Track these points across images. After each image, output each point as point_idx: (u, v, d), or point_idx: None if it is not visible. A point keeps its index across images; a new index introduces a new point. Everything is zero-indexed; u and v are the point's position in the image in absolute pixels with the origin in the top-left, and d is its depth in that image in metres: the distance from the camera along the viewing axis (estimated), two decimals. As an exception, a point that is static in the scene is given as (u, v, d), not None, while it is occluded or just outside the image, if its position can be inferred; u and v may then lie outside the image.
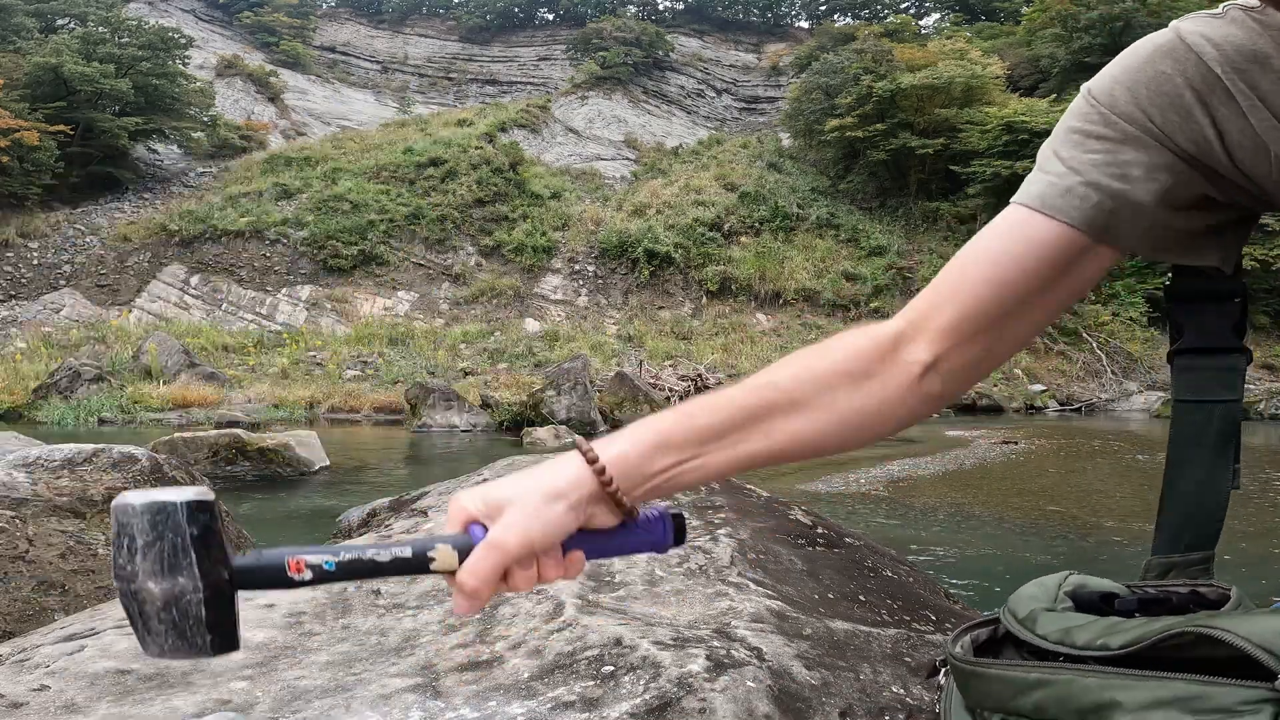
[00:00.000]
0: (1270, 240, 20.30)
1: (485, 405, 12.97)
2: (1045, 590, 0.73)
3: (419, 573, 0.68)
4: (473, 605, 0.67)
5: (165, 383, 14.75)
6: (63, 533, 2.31)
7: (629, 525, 0.72)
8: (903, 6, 45.65)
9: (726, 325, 21.70)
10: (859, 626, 1.34)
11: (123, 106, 24.86)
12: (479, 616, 1.34)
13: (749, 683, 1.05)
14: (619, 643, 1.16)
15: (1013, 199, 0.76)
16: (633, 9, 48.19)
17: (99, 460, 2.64)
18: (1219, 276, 0.79)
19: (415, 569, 0.67)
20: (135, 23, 27.43)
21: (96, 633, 1.26)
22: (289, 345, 18.67)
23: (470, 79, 43.65)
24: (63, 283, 21.28)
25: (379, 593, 1.45)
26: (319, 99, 37.63)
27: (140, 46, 25.82)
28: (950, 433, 12.19)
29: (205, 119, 28.30)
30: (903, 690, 1.13)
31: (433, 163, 26.21)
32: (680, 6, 48.98)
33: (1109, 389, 19.52)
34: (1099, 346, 20.73)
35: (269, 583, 0.64)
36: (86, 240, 22.46)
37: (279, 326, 20.66)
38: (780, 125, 33.25)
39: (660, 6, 49.45)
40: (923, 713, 1.07)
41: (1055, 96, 23.78)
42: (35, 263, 21.56)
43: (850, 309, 22.13)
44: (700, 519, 1.89)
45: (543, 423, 11.52)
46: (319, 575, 0.64)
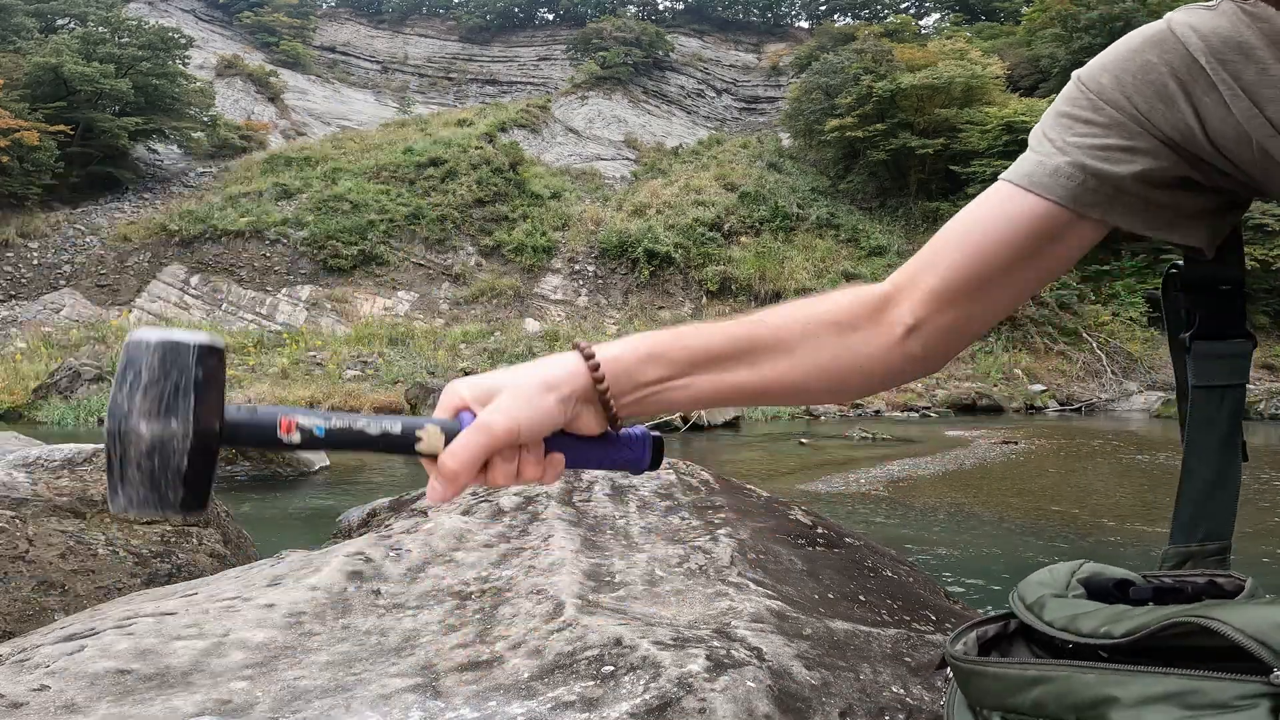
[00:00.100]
0: (1270, 240, 20.30)
1: (485, 405, 12.97)
2: (1056, 577, 0.73)
3: (403, 452, 0.66)
4: (449, 489, 0.66)
5: (165, 383, 14.75)
6: (63, 533, 2.31)
7: (610, 438, 0.72)
8: (903, 6, 45.66)
9: (727, 325, 21.69)
10: (859, 626, 1.34)
11: (123, 106, 24.86)
12: (479, 616, 1.34)
13: (749, 683, 1.05)
14: (619, 643, 1.16)
15: (1001, 176, 0.80)
16: (633, 9, 48.21)
17: (99, 460, 2.64)
18: (1221, 265, 0.81)
19: (401, 447, 0.66)
20: (135, 23, 27.44)
21: (96, 633, 1.26)
22: (289, 345, 18.67)
23: (470, 79, 43.65)
24: (63, 283, 21.28)
25: (379, 593, 1.45)
26: (319, 99, 37.63)
27: (140, 46, 25.82)
28: (950, 433, 12.19)
29: (205, 119, 28.30)
30: (903, 690, 1.13)
31: (433, 163, 26.21)
32: (680, 6, 49.00)
33: (1109, 389, 19.52)
34: (1099, 346, 20.73)
35: (256, 440, 0.62)
36: (86, 240, 22.46)
37: (279, 326, 20.66)
38: (780, 125, 33.26)
39: (660, 6, 49.48)
40: (923, 713, 1.07)
41: (1055, 96, 23.72)
42: (35, 263, 21.56)
43: (850, 309, 22.15)
44: (700, 519, 1.89)
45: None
46: (307, 440, 0.63)
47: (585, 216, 25.87)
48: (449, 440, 0.66)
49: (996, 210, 0.77)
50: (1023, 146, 0.82)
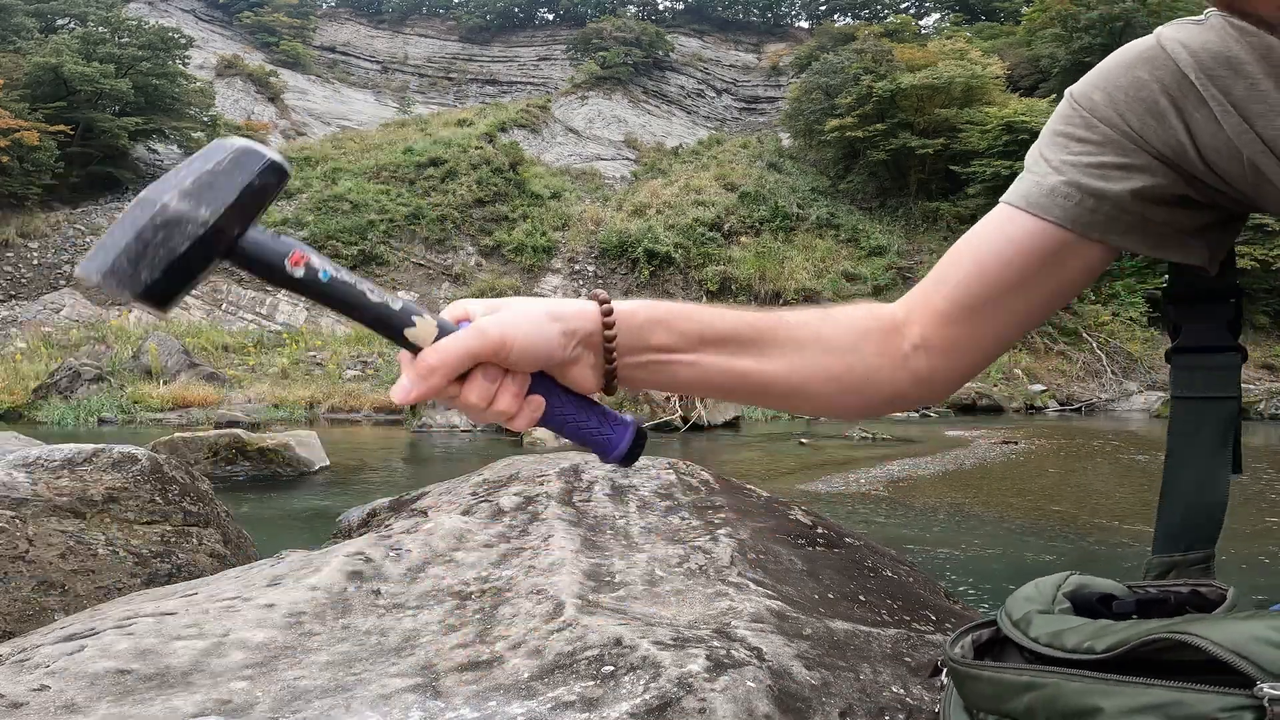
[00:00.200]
0: (1270, 240, 20.30)
1: (485, 405, 12.97)
2: (1042, 592, 0.74)
3: (393, 335, 0.63)
4: (420, 386, 0.63)
5: (165, 383, 14.75)
6: (63, 533, 2.31)
7: (596, 405, 0.69)
8: (903, 6, 45.66)
9: (726, 325, 21.71)
10: (859, 626, 1.34)
11: (123, 106, 24.86)
12: (479, 616, 1.34)
13: (749, 683, 1.05)
14: (619, 643, 1.16)
15: (1001, 198, 0.80)
16: (633, 9, 48.21)
17: (99, 460, 2.64)
18: (1213, 277, 0.81)
19: (391, 327, 0.63)
20: (135, 23, 27.45)
21: (96, 633, 1.26)
22: (289, 345, 18.67)
23: (470, 79, 43.65)
24: (63, 283, 21.28)
25: (379, 593, 1.45)
26: (319, 99, 37.63)
27: (140, 46, 25.83)
28: (950, 433, 12.19)
29: (205, 119, 28.30)
30: (903, 690, 1.13)
31: (433, 163, 26.22)
32: (680, 6, 49.00)
33: (1109, 389, 19.52)
34: (1099, 346, 20.73)
35: (264, 263, 0.60)
36: (86, 240, 22.44)
37: (279, 326, 20.67)
38: (780, 125, 33.26)
39: (660, 6, 49.49)
40: (923, 713, 1.07)
41: (1055, 96, 23.70)
42: (35, 263, 21.57)
43: (850, 309, 22.16)
44: (700, 519, 1.89)
45: (543, 423, 11.52)
46: (310, 279, 0.61)
47: (585, 216, 25.87)
48: (439, 340, 0.63)
49: (997, 232, 0.78)
50: (1023, 146, 0.83)
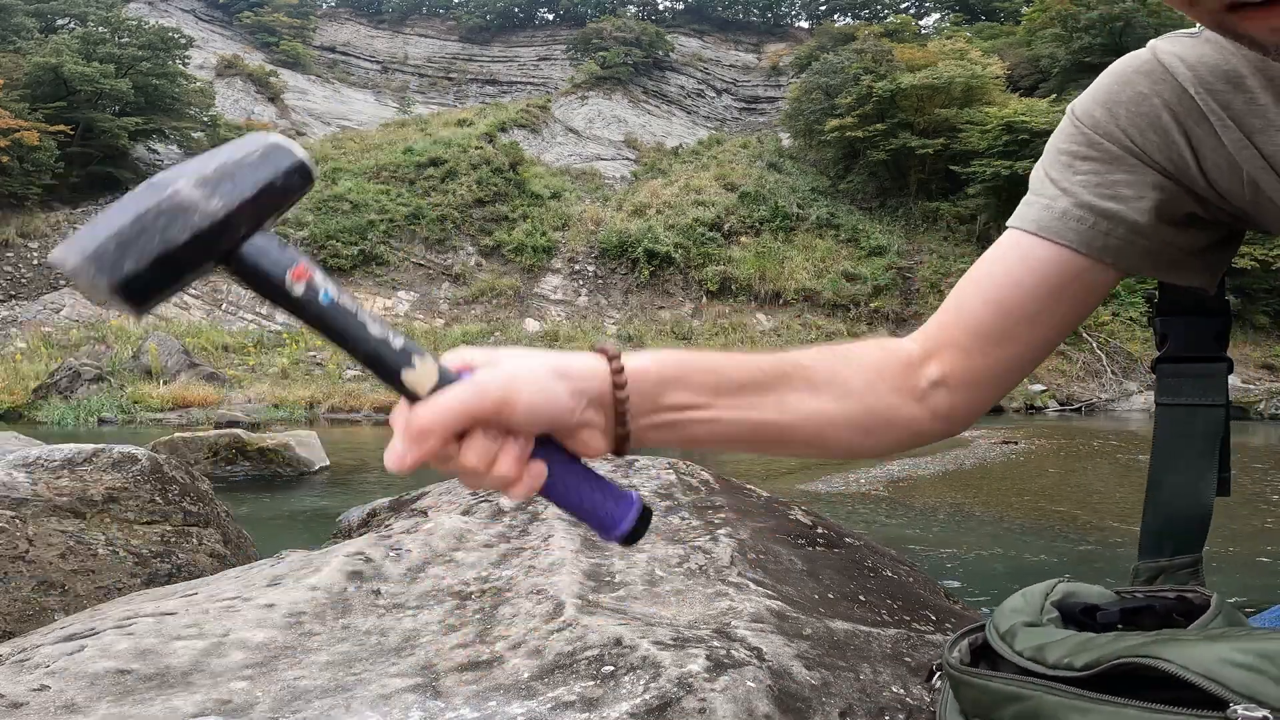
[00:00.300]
0: (1270, 240, 20.29)
1: (485, 405, 12.97)
2: (1030, 602, 0.73)
3: (388, 377, 0.57)
4: (412, 452, 0.56)
5: (165, 383, 14.75)
6: (63, 533, 2.31)
7: (600, 479, 0.63)
8: (903, 6, 45.67)
9: (727, 325, 21.70)
10: (859, 626, 1.34)
11: (123, 106, 24.87)
12: (479, 616, 1.34)
13: (749, 683, 1.05)
14: (619, 643, 1.16)
15: (1008, 222, 0.78)
16: (633, 9, 48.21)
17: (99, 460, 2.64)
18: (1203, 293, 0.81)
19: (389, 368, 0.57)
20: (135, 23, 27.46)
21: (96, 633, 1.26)
22: (289, 345, 18.67)
23: (470, 79, 43.65)
24: (63, 283, 21.27)
25: (379, 593, 1.45)
26: (319, 99, 37.63)
27: (140, 46, 25.83)
28: (950, 433, 12.18)
29: (205, 119, 28.31)
30: (903, 690, 1.13)
31: (433, 163, 26.22)
32: (680, 6, 49.00)
33: (1109, 389, 19.52)
34: (1099, 346, 20.74)
35: (263, 272, 0.54)
36: (86, 240, 22.46)
37: (279, 326, 20.66)
38: (780, 125, 33.26)
39: (660, 6, 49.49)
40: (922, 713, 1.07)
41: (1055, 96, 23.77)
42: (35, 263, 21.57)
43: (850, 309, 22.14)
44: (700, 519, 1.89)
45: (543, 423, 11.52)
46: (308, 298, 0.55)
47: (585, 216, 25.87)
48: (438, 389, 0.57)
49: (1006, 260, 0.76)
50: (1023, 146, 0.81)
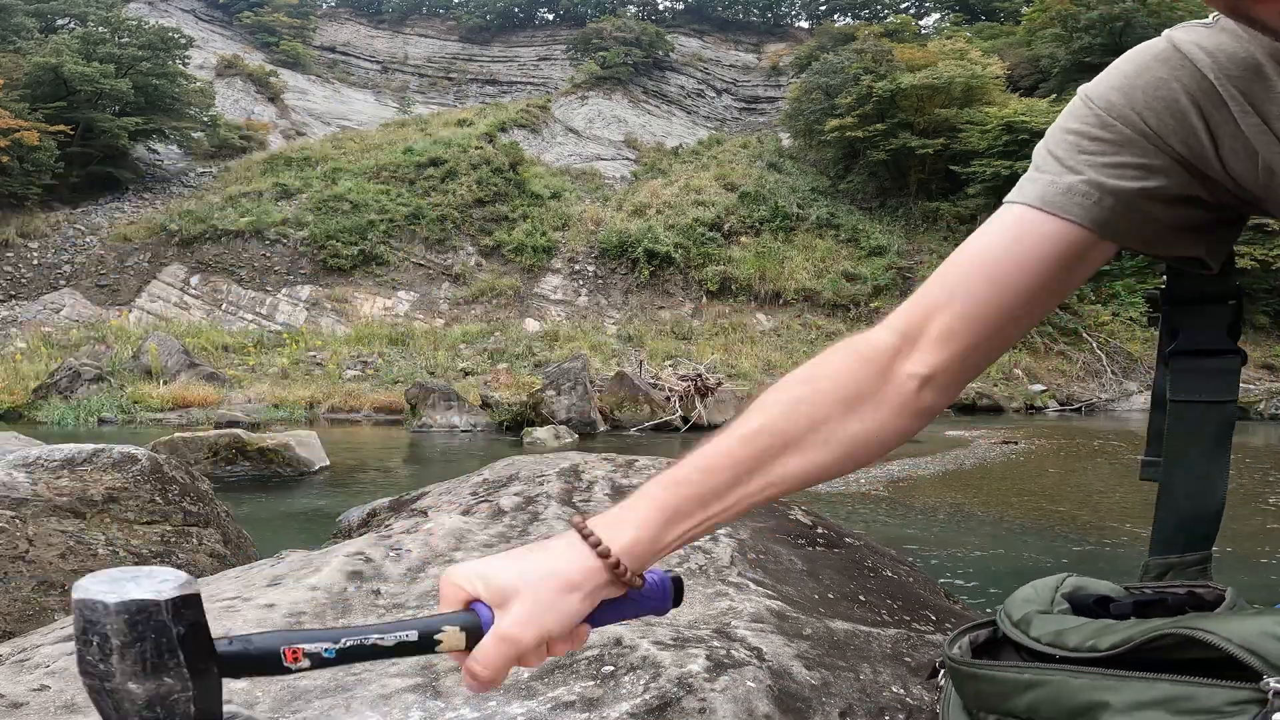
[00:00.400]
0: (1270, 240, 20.29)
1: (485, 405, 12.97)
2: (1040, 593, 0.73)
3: (424, 653, 0.66)
4: (485, 689, 0.68)
5: (165, 383, 14.75)
6: (63, 533, 2.31)
7: (633, 595, 0.73)
8: (903, 6, 45.64)
9: (727, 325, 21.70)
10: (859, 626, 1.34)
11: (123, 106, 24.86)
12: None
13: (749, 683, 1.05)
14: (619, 643, 1.16)
15: (1006, 199, 0.76)
16: (633, 9, 48.20)
17: (99, 460, 2.64)
18: (1213, 278, 0.80)
19: (421, 650, 0.65)
20: (135, 23, 27.44)
21: (96, 633, 1.25)
22: (289, 345, 18.67)
23: (470, 79, 43.64)
24: (63, 283, 21.28)
25: (379, 593, 1.45)
26: (319, 99, 37.62)
27: (140, 46, 25.82)
28: (950, 433, 12.18)
29: (205, 119, 28.30)
30: (903, 690, 1.13)
31: (433, 163, 26.22)
32: (680, 6, 48.98)
33: (1109, 389, 19.52)
34: (1099, 346, 20.73)
35: (260, 669, 0.61)
36: (86, 240, 22.46)
37: (279, 326, 20.67)
38: (780, 125, 33.26)
39: (660, 6, 49.47)
40: (922, 713, 1.07)
41: (1055, 96, 23.79)
42: (35, 263, 21.56)
43: (850, 309, 22.13)
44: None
45: (542, 423, 11.52)
46: (317, 663, 0.62)
47: (585, 216, 25.87)
48: (470, 637, 0.66)
49: (1008, 236, 0.74)
50: (1023, 146, 0.80)
